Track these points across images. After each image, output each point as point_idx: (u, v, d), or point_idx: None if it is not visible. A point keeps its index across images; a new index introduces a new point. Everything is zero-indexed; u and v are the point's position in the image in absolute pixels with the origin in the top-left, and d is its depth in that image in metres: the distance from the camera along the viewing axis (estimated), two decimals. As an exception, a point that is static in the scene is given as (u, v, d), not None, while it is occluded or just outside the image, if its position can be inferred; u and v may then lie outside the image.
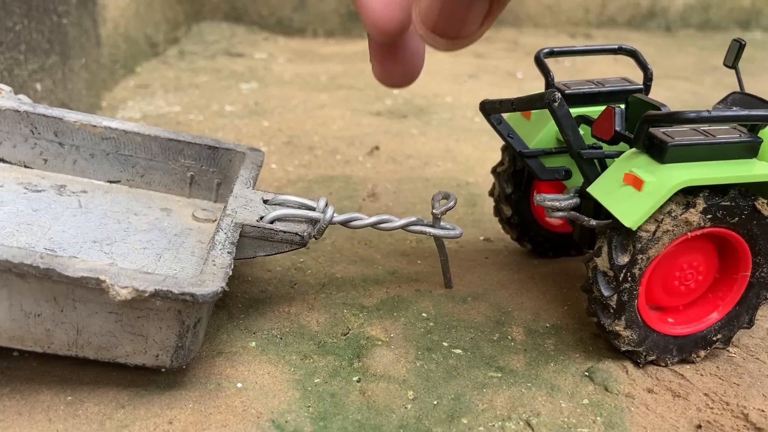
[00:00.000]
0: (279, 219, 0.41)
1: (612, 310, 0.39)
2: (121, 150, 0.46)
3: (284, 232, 0.40)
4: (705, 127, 0.39)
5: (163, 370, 0.36)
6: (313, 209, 0.42)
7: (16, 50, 0.65)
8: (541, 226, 0.51)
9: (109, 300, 0.32)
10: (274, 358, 0.40)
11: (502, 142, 0.53)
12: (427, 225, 0.44)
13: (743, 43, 0.45)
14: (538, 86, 1.02)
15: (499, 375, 0.39)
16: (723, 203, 0.37)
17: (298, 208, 0.42)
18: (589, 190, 0.40)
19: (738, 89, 0.45)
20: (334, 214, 0.42)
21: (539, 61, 0.47)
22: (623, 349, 0.40)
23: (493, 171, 0.51)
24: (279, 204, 0.42)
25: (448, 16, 0.27)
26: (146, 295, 0.32)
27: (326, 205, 0.42)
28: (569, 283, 0.49)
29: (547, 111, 0.45)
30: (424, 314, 0.45)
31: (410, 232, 0.44)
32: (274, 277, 0.48)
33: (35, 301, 0.33)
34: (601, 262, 0.39)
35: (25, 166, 0.45)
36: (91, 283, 0.31)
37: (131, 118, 0.80)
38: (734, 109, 0.42)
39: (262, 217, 0.40)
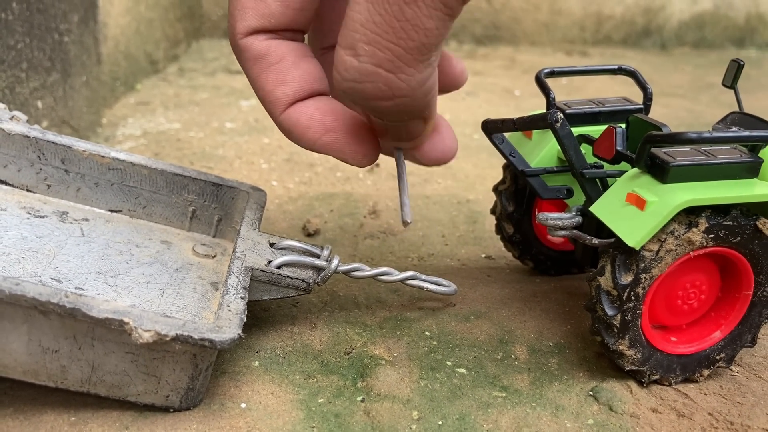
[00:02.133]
0: (286, 264, 0.41)
1: (616, 330, 0.39)
2: (126, 181, 0.46)
3: (291, 278, 0.41)
4: (706, 147, 0.39)
5: (171, 410, 0.36)
6: (317, 256, 0.43)
7: (18, 68, 0.65)
8: (542, 244, 0.51)
9: (128, 340, 0.33)
10: (277, 377, 0.39)
11: (502, 159, 0.53)
12: (425, 280, 0.46)
13: (742, 63, 0.45)
14: (535, 103, 1.03)
15: (504, 395, 0.39)
16: (725, 223, 0.38)
17: (304, 254, 0.43)
18: (592, 209, 0.40)
19: (737, 109, 0.45)
20: (339, 264, 0.43)
21: (540, 81, 0.47)
22: (627, 368, 0.40)
23: (495, 189, 0.51)
24: (285, 248, 0.43)
25: (395, 134, 0.33)
26: (167, 339, 0.32)
27: (331, 253, 0.43)
28: (572, 301, 0.49)
29: (548, 130, 0.45)
30: (427, 333, 0.45)
31: (408, 285, 0.46)
32: (277, 295, 0.48)
33: (54, 338, 0.33)
34: (605, 281, 0.39)
35: (28, 190, 0.46)
36: (114, 325, 0.32)
37: (131, 135, 0.80)
38: (734, 129, 0.42)
39: (269, 262, 0.41)
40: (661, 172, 0.38)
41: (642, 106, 0.47)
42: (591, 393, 0.40)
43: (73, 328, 0.33)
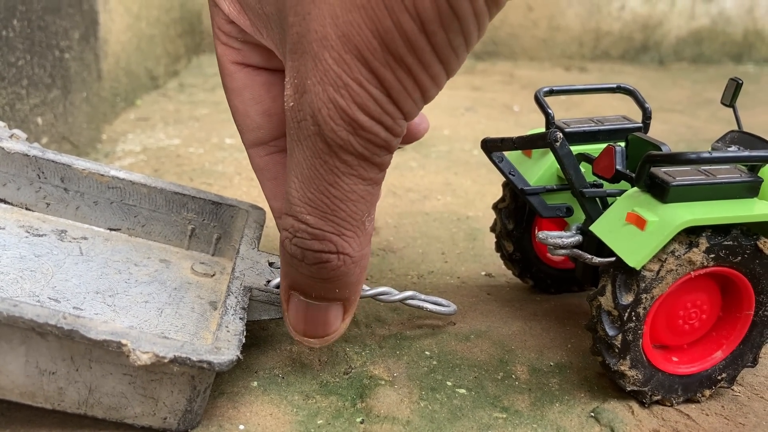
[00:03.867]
0: None
1: (617, 350, 0.38)
2: (126, 200, 0.46)
3: None
4: (706, 166, 0.39)
5: None
6: None
7: (18, 85, 0.65)
8: (542, 262, 0.51)
9: (126, 362, 0.32)
10: (276, 398, 0.39)
11: (501, 176, 0.53)
12: (424, 300, 0.46)
13: (740, 82, 0.45)
14: (534, 119, 1.03)
15: (504, 416, 0.39)
16: (725, 243, 0.38)
17: None
18: (592, 228, 0.40)
19: (736, 125, 0.46)
20: None
21: (539, 100, 0.47)
22: (629, 389, 0.40)
23: (495, 207, 0.51)
24: None
25: (312, 323, 0.36)
26: (165, 360, 0.32)
27: None
28: (572, 320, 0.49)
29: (548, 149, 0.45)
30: (427, 352, 0.44)
31: (408, 306, 0.46)
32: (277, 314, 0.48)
33: (52, 360, 0.32)
34: (606, 301, 0.39)
35: (26, 209, 0.45)
36: (112, 347, 0.32)
37: (131, 151, 0.80)
38: (734, 148, 0.42)
39: (269, 281, 0.41)
40: (661, 191, 0.38)
41: (641, 124, 0.47)
42: (592, 414, 0.40)
43: (71, 350, 0.32)
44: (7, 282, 0.39)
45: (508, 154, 0.48)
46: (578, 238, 0.42)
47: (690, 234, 0.38)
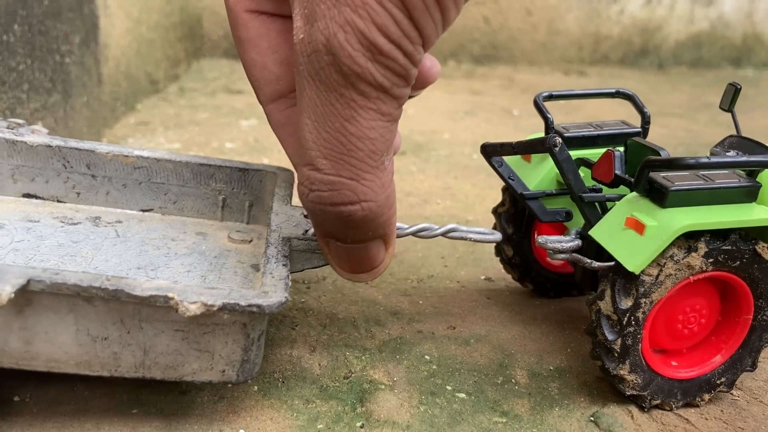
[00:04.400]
0: None
1: (616, 354, 0.39)
2: (153, 178, 0.46)
3: None
4: (704, 171, 0.40)
5: (230, 385, 0.35)
6: None
7: (19, 89, 0.65)
8: (542, 266, 0.51)
9: (176, 318, 0.32)
10: (276, 402, 0.39)
11: (501, 180, 0.53)
12: (466, 231, 0.43)
13: (739, 87, 0.45)
14: (534, 123, 1.03)
15: (504, 420, 0.39)
16: (724, 247, 0.38)
17: None
18: (591, 233, 0.40)
19: (735, 132, 0.46)
20: None
21: (538, 105, 0.48)
22: (628, 393, 0.40)
23: (494, 211, 0.51)
24: None
25: (356, 263, 0.36)
26: (215, 309, 0.31)
27: None
28: (572, 324, 0.49)
29: (547, 153, 0.45)
30: (426, 357, 0.44)
31: (450, 239, 0.44)
32: (276, 318, 0.48)
33: (102, 325, 0.32)
34: (605, 305, 0.39)
35: (58, 201, 0.46)
36: (159, 302, 0.31)
37: (131, 155, 0.80)
38: (732, 153, 0.43)
39: (306, 231, 0.40)
40: (660, 196, 0.38)
41: (640, 129, 0.47)
42: (592, 418, 0.40)
43: (120, 312, 0.32)
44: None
45: (508, 159, 0.48)
46: (577, 242, 0.42)
47: (689, 238, 0.38)
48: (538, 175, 0.47)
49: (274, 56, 0.35)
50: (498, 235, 0.44)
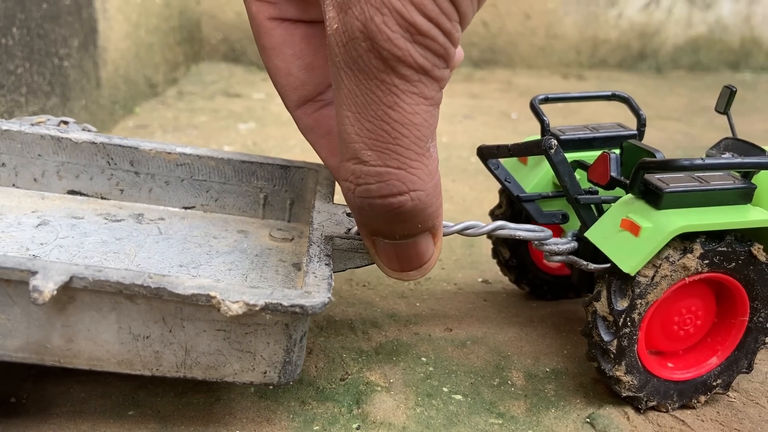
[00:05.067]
0: None
1: (612, 356, 0.39)
2: (196, 175, 0.46)
3: None
4: (699, 173, 0.40)
5: (271, 387, 0.35)
6: None
7: (17, 93, 0.65)
8: (539, 268, 0.51)
9: (218, 317, 0.32)
10: (272, 404, 0.39)
11: (498, 184, 0.53)
12: (515, 228, 0.42)
13: (734, 89, 0.46)
14: (532, 126, 1.03)
15: (500, 422, 0.39)
16: (719, 249, 0.38)
17: None
18: (587, 235, 0.40)
19: (730, 134, 0.46)
20: None
21: (534, 108, 0.48)
22: (624, 394, 0.40)
23: (491, 214, 0.51)
24: None
25: (405, 260, 0.34)
26: (257, 308, 0.31)
27: None
28: (568, 326, 0.49)
29: (543, 155, 0.46)
30: (423, 358, 0.45)
31: (498, 237, 0.43)
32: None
33: (144, 323, 0.32)
34: (601, 306, 0.39)
35: (102, 198, 0.46)
36: (201, 300, 0.31)
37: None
38: (727, 155, 0.43)
39: (349, 230, 0.40)
40: (655, 198, 0.38)
41: (636, 131, 0.47)
42: (588, 420, 0.40)
43: (162, 311, 0.32)
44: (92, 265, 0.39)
45: (504, 161, 0.48)
46: (574, 244, 0.42)
47: (684, 240, 0.38)
48: (535, 177, 0.47)
49: (298, 62, 0.35)
50: (548, 233, 0.42)
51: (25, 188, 0.45)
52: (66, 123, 0.46)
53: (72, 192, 0.46)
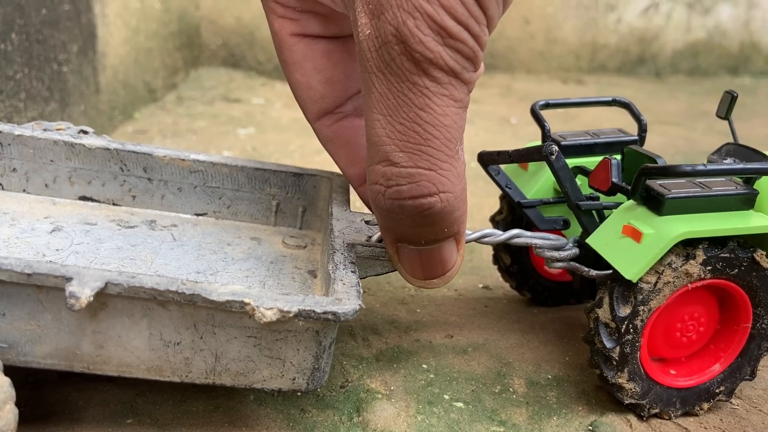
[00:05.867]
0: None
1: (615, 362, 0.38)
2: (209, 182, 0.46)
3: None
4: (701, 179, 0.40)
5: (299, 394, 0.34)
6: None
7: (16, 98, 0.65)
8: (540, 275, 0.51)
9: (249, 323, 0.32)
10: (272, 412, 0.39)
11: (498, 189, 0.53)
12: (531, 237, 0.42)
13: (735, 95, 0.45)
14: (532, 131, 1.03)
15: (502, 430, 0.39)
16: (722, 255, 0.38)
17: None
18: (589, 241, 0.40)
19: (732, 140, 0.46)
20: None
21: (535, 113, 0.48)
22: (627, 402, 0.39)
23: (492, 220, 0.51)
24: None
25: (429, 267, 0.35)
26: (290, 315, 0.31)
27: None
28: (570, 332, 0.49)
29: (544, 161, 0.45)
30: (424, 365, 0.44)
31: (514, 245, 0.43)
32: (273, 327, 0.48)
33: (175, 329, 0.32)
34: (603, 313, 0.38)
35: (114, 204, 0.46)
36: (235, 307, 0.31)
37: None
38: (729, 161, 0.43)
39: (369, 237, 0.40)
40: (656, 204, 0.38)
41: (637, 137, 0.47)
42: (590, 427, 0.39)
43: (193, 317, 0.32)
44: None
45: (505, 167, 0.48)
46: (575, 251, 0.42)
47: (687, 246, 0.38)
48: (536, 183, 0.47)
49: (318, 77, 0.36)
50: (563, 241, 0.42)
51: (35, 194, 0.45)
52: (86, 132, 0.46)
53: (83, 198, 0.46)
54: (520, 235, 0.42)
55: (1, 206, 0.43)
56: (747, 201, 0.39)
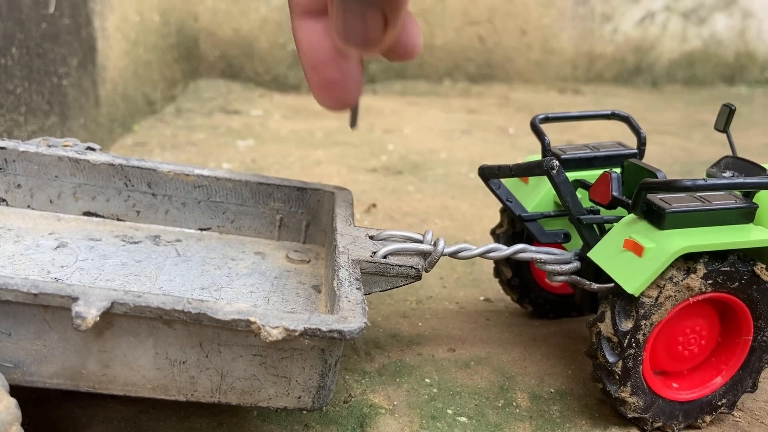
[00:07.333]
0: (391, 254, 0.40)
1: (617, 377, 0.38)
2: (213, 197, 0.47)
3: (400, 266, 0.39)
4: (701, 193, 0.40)
5: (304, 412, 0.34)
6: (420, 242, 0.42)
7: (16, 112, 0.65)
8: (541, 287, 0.51)
9: (254, 342, 0.32)
10: (275, 428, 0.39)
11: (498, 201, 0.53)
12: (536, 252, 0.43)
13: (733, 108, 0.46)
14: (530, 141, 1.04)
15: (505, 444, 0.39)
16: (723, 268, 0.38)
17: (406, 241, 0.42)
18: (590, 255, 0.40)
19: (730, 150, 0.46)
20: (445, 246, 0.41)
21: (535, 127, 0.48)
22: (630, 416, 0.39)
23: (493, 233, 0.51)
24: (386, 239, 0.42)
25: (351, 29, 0.32)
26: (296, 334, 0.31)
27: (433, 237, 0.42)
28: (572, 345, 0.49)
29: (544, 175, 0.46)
30: (427, 380, 0.44)
31: (519, 259, 0.43)
32: (275, 341, 0.48)
33: (181, 348, 0.32)
34: (605, 327, 0.39)
35: (118, 219, 0.46)
36: (240, 326, 0.31)
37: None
38: (728, 174, 0.43)
39: (374, 253, 0.40)
40: (657, 218, 0.38)
41: (636, 150, 0.48)
42: (593, 441, 0.39)
43: (199, 336, 0.32)
44: (115, 288, 0.39)
45: (506, 181, 0.48)
46: (576, 264, 0.42)
47: (687, 260, 0.38)
48: (536, 196, 0.47)
49: None
50: (568, 256, 0.43)
51: (40, 209, 0.45)
52: (93, 149, 0.46)
53: (88, 213, 0.46)
54: (525, 250, 0.42)
55: (6, 222, 0.44)
56: (747, 215, 0.39)
